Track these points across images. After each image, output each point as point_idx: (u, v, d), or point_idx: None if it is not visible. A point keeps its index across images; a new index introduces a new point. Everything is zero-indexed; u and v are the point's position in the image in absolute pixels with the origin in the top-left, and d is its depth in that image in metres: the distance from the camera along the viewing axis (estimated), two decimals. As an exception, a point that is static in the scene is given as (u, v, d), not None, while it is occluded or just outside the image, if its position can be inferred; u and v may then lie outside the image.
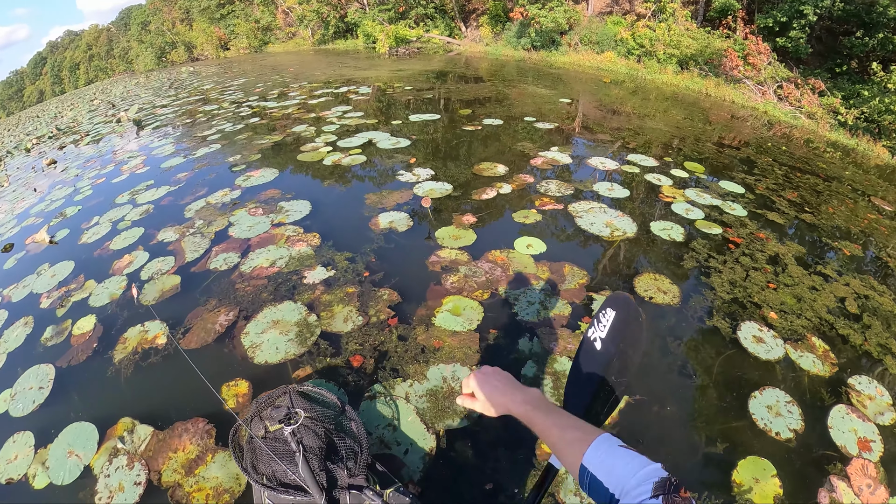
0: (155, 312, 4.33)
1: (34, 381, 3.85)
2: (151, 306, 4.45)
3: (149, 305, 4.50)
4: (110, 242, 5.81)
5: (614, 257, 4.88)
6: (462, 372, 3.40)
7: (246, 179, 7.06)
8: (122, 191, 7.47)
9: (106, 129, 14.02)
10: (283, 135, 9.40)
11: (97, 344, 4.10)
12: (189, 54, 45.82)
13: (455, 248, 4.92)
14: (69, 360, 4.00)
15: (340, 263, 4.73)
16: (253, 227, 5.57)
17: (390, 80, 15.73)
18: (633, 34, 19.27)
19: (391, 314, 4.01)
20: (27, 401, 3.68)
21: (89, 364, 3.92)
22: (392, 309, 4.06)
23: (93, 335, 4.21)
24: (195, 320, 4.15)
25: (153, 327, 4.15)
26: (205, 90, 18.55)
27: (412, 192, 6.22)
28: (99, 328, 4.28)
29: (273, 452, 1.86)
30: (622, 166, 7.29)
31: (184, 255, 5.20)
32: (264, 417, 2.17)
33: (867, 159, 10.91)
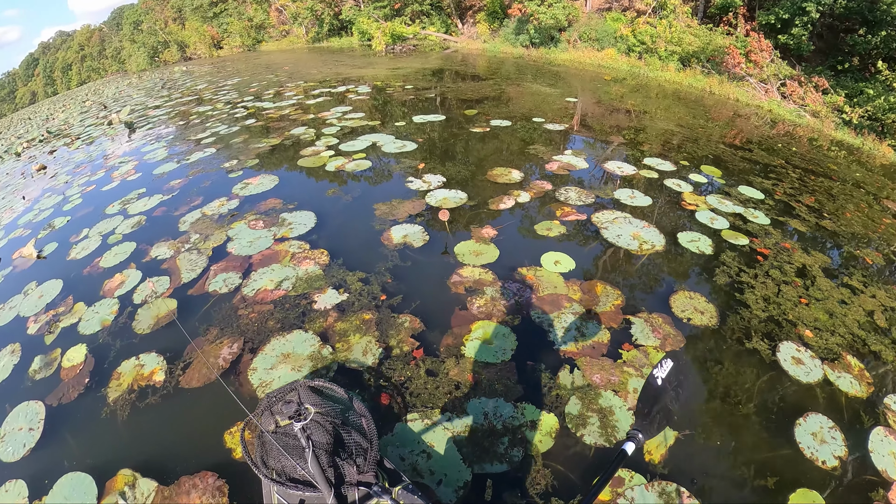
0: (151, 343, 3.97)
1: (23, 421, 3.49)
2: (146, 335, 4.07)
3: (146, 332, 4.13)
4: (100, 259, 5.40)
5: (646, 273, 4.63)
6: (505, 408, 3.12)
7: (244, 187, 6.64)
8: (112, 200, 7.05)
9: (97, 131, 13.57)
10: (281, 137, 8.98)
11: (89, 379, 3.72)
12: (182, 54, 45.35)
13: (478, 267, 4.56)
14: (60, 397, 3.62)
15: (353, 285, 4.35)
16: (254, 243, 5.16)
17: (389, 78, 15.32)
18: (633, 31, 18.97)
19: (415, 344, 3.66)
20: (17, 444, 3.32)
21: (82, 403, 3.54)
22: (415, 338, 3.73)
23: (84, 368, 3.83)
24: (195, 352, 3.76)
25: (149, 361, 3.76)
26: (198, 90, 18.09)
27: (424, 202, 5.84)
28: (90, 360, 3.90)
29: (283, 448, 1.85)
30: (640, 171, 6.96)
31: (179, 276, 4.80)
32: (275, 412, 2.11)
33: (872, 158, 10.79)
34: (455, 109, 10.68)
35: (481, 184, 6.39)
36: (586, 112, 11.00)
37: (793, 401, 3.32)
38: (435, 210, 5.63)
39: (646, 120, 10.56)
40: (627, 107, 11.99)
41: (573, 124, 9.62)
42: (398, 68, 17.80)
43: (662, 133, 9.40)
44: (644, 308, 4.01)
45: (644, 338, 3.67)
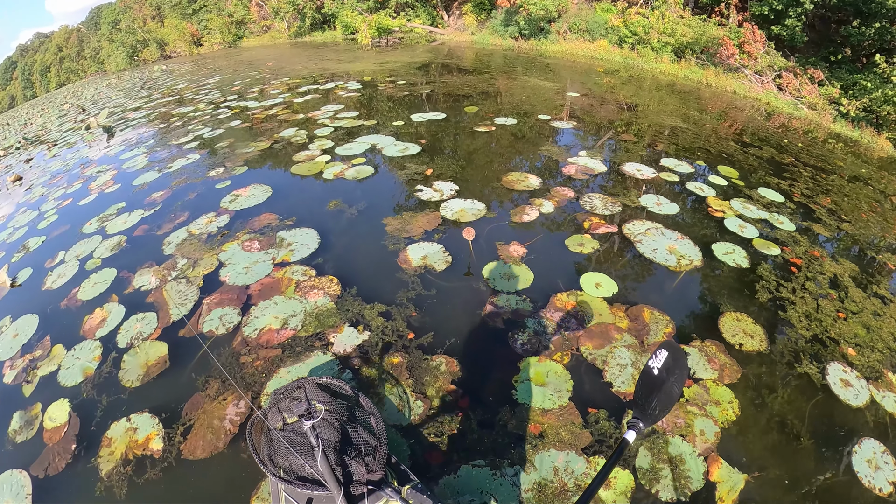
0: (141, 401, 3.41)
1: (8, 494, 3.02)
2: (136, 389, 3.50)
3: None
4: (78, 289, 4.81)
5: (688, 293, 4.32)
6: (577, 463, 2.80)
7: (233, 200, 6.01)
8: (90, 216, 6.40)
9: (75, 137, 12.77)
10: (270, 140, 8.29)
11: (76, 445, 3.19)
12: (161, 52, 44.16)
13: (512, 293, 4.07)
14: (46, 466, 3.11)
15: (373, 321, 3.81)
16: (251, 270, 4.57)
17: (379, 73, 14.63)
18: (624, 21, 18.55)
19: (458, 392, 3.21)
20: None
21: (71, 475, 3.03)
22: (456, 385, 3.27)
23: (69, 430, 3.30)
24: (196, 413, 3.21)
25: (142, 423, 3.21)
26: (179, 90, 17.22)
27: (440, 215, 5.29)
28: (75, 420, 3.37)
29: (291, 445, 1.84)
30: (660, 174, 6.57)
31: (167, 311, 4.21)
32: (282, 409, 2.10)
33: (870, 151, 10.79)
34: (454, 106, 10.07)
35: (498, 191, 5.87)
36: (590, 108, 10.43)
37: (846, 425, 3.21)
38: (453, 224, 5.10)
39: (651, 116, 10.11)
40: (628, 101, 11.54)
41: (593, 125, 9.13)
42: (386, 62, 17.11)
43: (671, 131, 8.99)
44: (695, 335, 3.71)
45: (702, 370, 3.40)
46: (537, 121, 8.96)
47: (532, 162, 6.93)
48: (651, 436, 2.94)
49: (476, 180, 6.20)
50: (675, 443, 2.92)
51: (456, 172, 6.41)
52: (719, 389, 3.26)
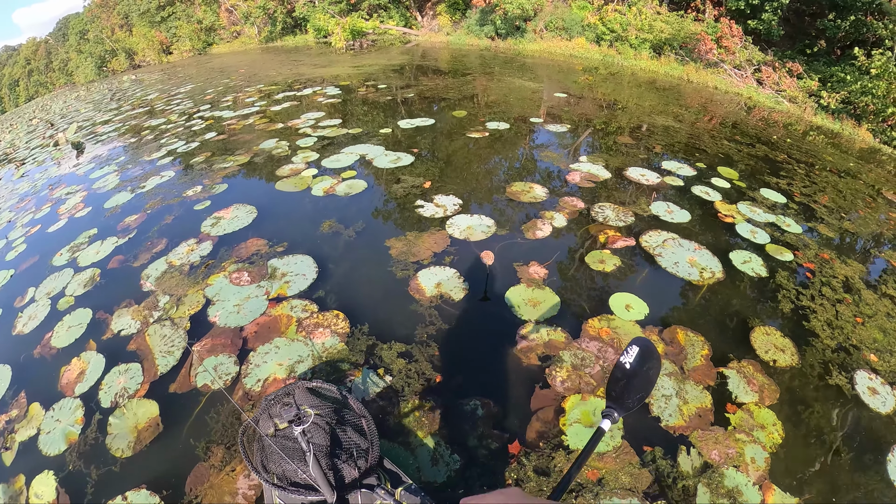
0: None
1: None
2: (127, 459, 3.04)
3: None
4: (51, 335, 4.29)
5: (716, 308, 4.08)
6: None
7: (215, 223, 5.49)
8: (59, 245, 5.83)
9: (43, 154, 12.03)
10: (249, 154, 7.76)
11: None
12: (130, 61, 42.88)
13: (542, 323, 3.71)
14: None
15: (393, 363, 3.40)
16: (243, 308, 4.08)
17: (356, 77, 14.12)
18: (601, 19, 18.41)
19: (503, 436, 2.91)
20: None
21: None
22: (498, 429, 2.96)
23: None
24: (201, 488, 2.76)
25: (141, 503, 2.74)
26: (149, 100, 16.43)
27: (447, 233, 4.87)
28: (64, 498, 2.91)
29: (283, 451, 1.82)
30: (664, 178, 6.36)
31: (153, 361, 3.73)
32: (273, 415, 2.07)
33: (851, 143, 10.90)
34: (442, 111, 9.66)
35: (504, 204, 5.50)
36: (580, 110, 10.13)
37: (878, 435, 3.16)
38: (464, 245, 4.69)
39: (643, 115, 9.89)
40: (617, 101, 11.33)
41: (587, 127, 8.79)
42: (362, 66, 16.60)
43: (665, 131, 8.78)
44: (732, 355, 3.56)
45: (743, 393, 3.27)
46: (530, 125, 8.63)
47: (533, 169, 6.59)
48: (706, 471, 2.80)
49: (479, 192, 5.82)
50: (730, 475, 2.80)
51: (456, 184, 6.01)
52: (762, 412, 3.15)
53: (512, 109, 9.67)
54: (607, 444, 2.87)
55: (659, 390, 3.23)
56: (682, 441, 2.94)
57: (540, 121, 8.77)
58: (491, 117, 8.87)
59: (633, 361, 1.54)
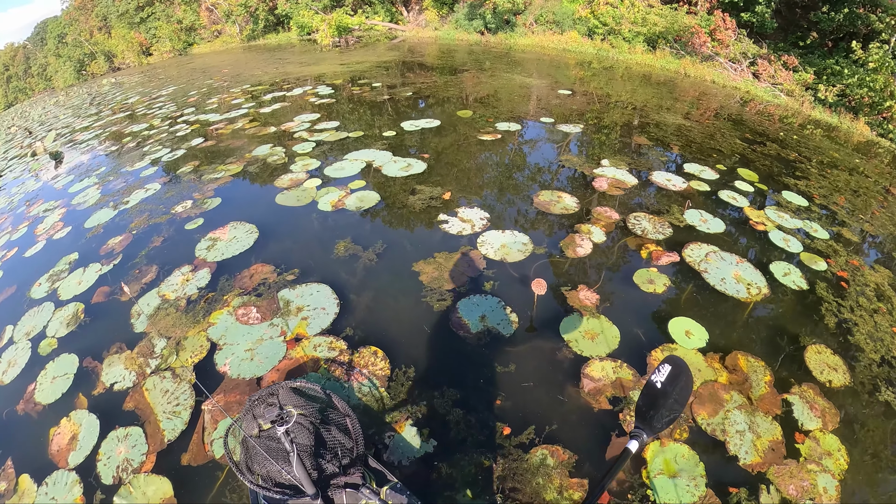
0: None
1: None
2: None
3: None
4: (34, 387, 3.77)
5: (768, 326, 3.87)
6: None
7: (211, 246, 4.95)
8: (38, 273, 5.26)
9: (20, 166, 11.31)
10: (241, 162, 7.19)
11: None
12: (110, 64, 41.74)
13: (605, 359, 3.34)
14: None
15: (449, 414, 2.98)
16: (256, 352, 3.57)
17: (347, 76, 13.55)
18: (592, 12, 18.02)
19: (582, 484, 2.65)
20: None
21: None
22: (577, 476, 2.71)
23: None
24: None
25: None
26: (130, 104, 15.71)
27: (481, 253, 4.41)
28: None
29: (267, 451, 1.79)
30: (689, 183, 6.03)
31: (157, 425, 3.22)
32: (257, 416, 2.02)
33: (849, 136, 10.83)
34: (445, 110, 9.15)
35: (534, 217, 5.08)
36: (586, 106, 9.72)
37: None
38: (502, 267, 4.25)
39: (652, 113, 9.50)
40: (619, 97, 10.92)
41: (601, 127, 8.40)
42: (351, 63, 16.01)
43: (677, 130, 8.43)
44: (793, 379, 3.40)
45: (808, 421, 3.14)
46: (543, 125, 8.20)
47: (557, 175, 6.18)
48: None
49: (505, 203, 5.40)
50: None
51: (478, 194, 5.57)
52: (827, 438, 3.04)
53: (518, 108, 9.24)
54: (692, 494, 2.69)
55: (733, 425, 3.04)
56: (761, 479, 2.79)
57: (552, 121, 8.34)
58: (499, 117, 8.42)
59: (664, 381, 1.49)
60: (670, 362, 1.53)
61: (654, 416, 1.48)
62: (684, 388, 1.52)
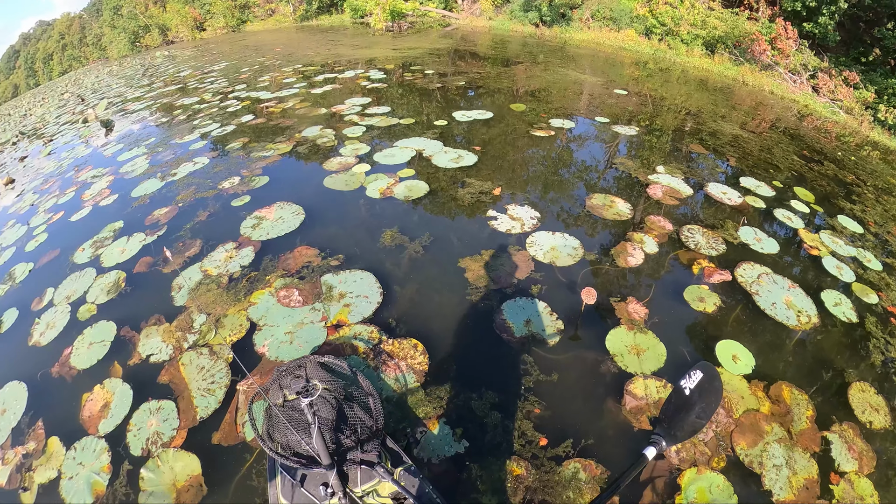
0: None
1: None
2: None
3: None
4: (71, 350, 3.84)
5: (814, 357, 3.73)
6: None
7: (257, 224, 4.97)
8: (82, 238, 5.36)
9: (71, 132, 11.61)
10: (291, 141, 7.22)
11: None
12: (163, 37, 42.69)
13: (650, 377, 3.25)
14: None
15: (486, 417, 2.94)
16: (296, 336, 3.56)
17: (400, 61, 13.50)
18: (650, 10, 17.60)
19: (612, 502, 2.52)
20: None
21: None
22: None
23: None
24: None
25: None
26: (182, 77, 15.93)
27: (529, 255, 4.31)
28: None
29: (289, 422, 1.82)
30: (745, 197, 5.82)
31: (190, 401, 3.25)
32: (283, 387, 2.09)
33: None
34: (498, 102, 8.98)
35: (586, 221, 4.96)
36: (642, 108, 9.45)
37: None
38: (550, 271, 4.15)
39: (708, 120, 9.23)
40: (683, 104, 10.60)
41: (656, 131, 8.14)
42: (404, 49, 15.95)
43: (733, 140, 8.15)
44: (834, 417, 3.27)
45: (845, 461, 3.03)
46: (598, 125, 8.01)
47: (610, 179, 6.04)
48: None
49: (556, 203, 5.28)
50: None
51: (529, 192, 5.46)
52: (861, 482, 2.96)
53: (571, 105, 9.08)
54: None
55: (771, 459, 2.93)
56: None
57: (606, 121, 8.14)
58: (553, 113, 8.26)
59: (693, 388, 1.43)
60: (702, 369, 1.46)
61: (677, 423, 1.41)
62: (713, 399, 1.45)
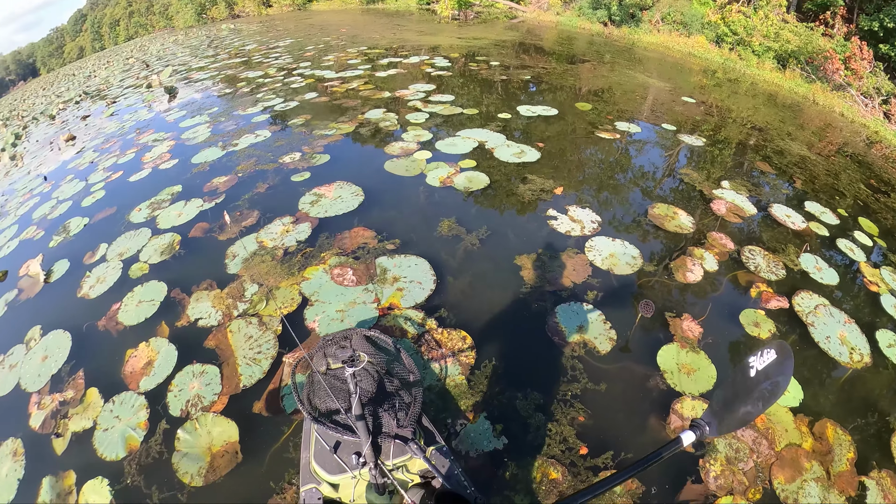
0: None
1: None
2: (197, 489, 2.73)
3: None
4: (119, 306, 4.00)
5: (861, 398, 3.56)
6: None
7: (315, 202, 5.07)
8: (140, 198, 5.58)
9: (135, 95, 12.01)
10: (354, 122, 7.31)
11: None
12: (230, 11, 43.78)
13: (697, 399, 3.19)
14: None
15: (530, 418, 2.96)
16: (347, 315, 3.64)
17: (464, 50, 13.48)
18: (723, 18, 17.05)
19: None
20: None
21: None
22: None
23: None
24: None
25: None
26: (247, 51, 16.29)
27: (587, 259, 4.27)
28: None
29: (330, 389, 1.87)
30: (809, 223, 5.59)
31: (235, 368, 3.35)
32: (328, 355, 2.18)
33: None
34: (562, 100, 8.87)
35: (647, 230, 4.88)
36: (710, 119, 9.19)
37: None
38: (607, 277, 4.12)
39: (775, 138, 8.90)
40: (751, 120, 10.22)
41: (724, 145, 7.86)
42: (470, 38, 15.91)
43: (800, 161, 7.86)
44: (875, 463, 3.12)
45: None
46: (664, 132, 7.81)
47: (674, 189, 5.89)
48: None
49: (617, 208, 5.22)
50: None
51: (590, 194, 5.41)
52: None
53: (637, 108, 8.91)
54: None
55: (806, 497, 2.84)
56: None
57: (674, 129, 7.94)
58: (619, 116, 8.13)
59: (761, 370, 1.25)
60: (777, 349, 1.27)
61: (730, 409, 1.25)
62: (777, 386, 1.26)
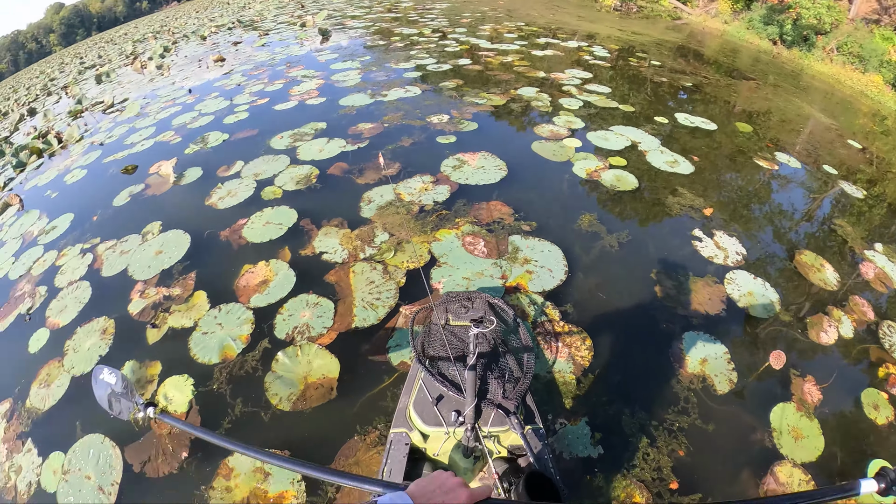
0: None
1: (92, 467, 2.55)
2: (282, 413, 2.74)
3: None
4: (245, 223, 4.09)
5: None
6: None
7: (458, 167, 4.93)
8: (283, 128, 5.70)
9: (288, 31, 12.43)
10: (506, 97, 7.09)
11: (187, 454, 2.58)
12: None
13: (799, 468, 2.84)
14: (144, 460, 2.59)
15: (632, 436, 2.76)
16: (473, 284, 3.51)
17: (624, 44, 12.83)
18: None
19: None
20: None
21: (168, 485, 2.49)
22: None
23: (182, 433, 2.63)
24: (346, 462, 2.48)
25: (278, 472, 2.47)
26: (402, 8, 16.41)
27: (724, 291, 3.83)
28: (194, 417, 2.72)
29: (447, 343, 1.93)
30: None
31: (350, 308, 3.31)
32: (449, 311, 2.23)
33: None
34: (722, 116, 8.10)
35: (790, 278, 4.26)
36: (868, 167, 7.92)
37: None
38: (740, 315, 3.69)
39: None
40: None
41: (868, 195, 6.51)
42: (630, 33, 15.10)
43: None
44: None
45: None
46: (824, 175, 6.80)
47: (825, 240, 5.11)
48: None
49: (764, 245, 4.64)
50: None
51: (740, 223, 4.83)
52: None
53: (800, 143, 7.94)
54: None
55: None
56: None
57: (835, 173, 6.90)
58: (780, 146, 7.28)
59: None
60: None
61: None
62: None
